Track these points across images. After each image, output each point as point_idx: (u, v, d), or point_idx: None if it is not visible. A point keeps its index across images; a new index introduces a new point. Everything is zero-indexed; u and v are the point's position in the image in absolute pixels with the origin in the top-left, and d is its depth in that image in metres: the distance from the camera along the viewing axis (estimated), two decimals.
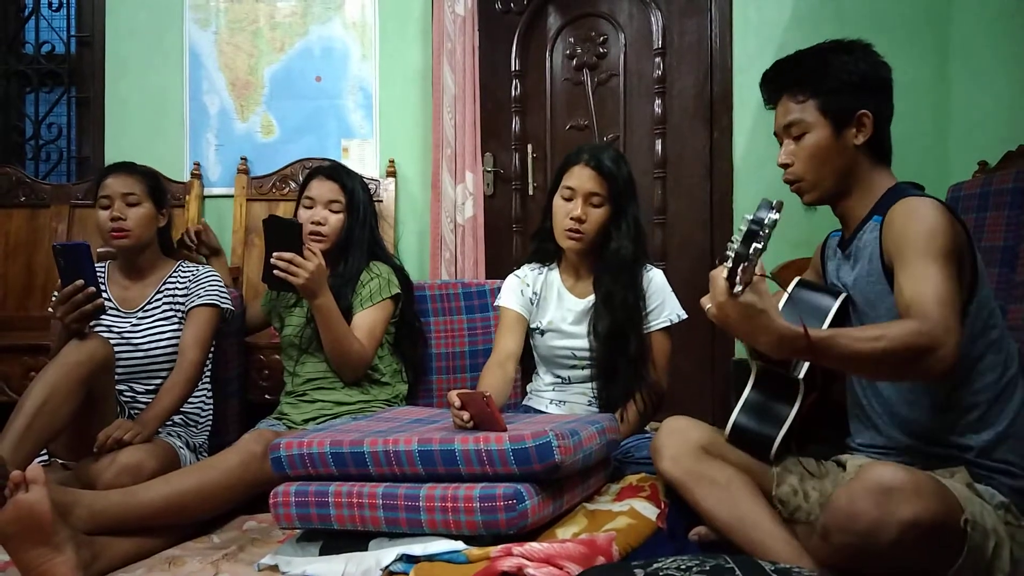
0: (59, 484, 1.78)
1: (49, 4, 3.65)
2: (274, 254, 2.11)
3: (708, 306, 1.38)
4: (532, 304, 2.21)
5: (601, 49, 3.50)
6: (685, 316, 2.18)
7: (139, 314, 2.26)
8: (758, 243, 1.24)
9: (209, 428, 2.33)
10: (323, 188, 2.33)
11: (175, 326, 2.25)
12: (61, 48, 3.63)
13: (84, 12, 3.59)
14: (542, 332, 2.20)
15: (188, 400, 2.22)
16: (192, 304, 2.25)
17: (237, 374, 2.62)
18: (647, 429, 2.19)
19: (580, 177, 2.09)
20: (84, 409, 1.92)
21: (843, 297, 1.58)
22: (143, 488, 1.83)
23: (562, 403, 2.19)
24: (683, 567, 1.26)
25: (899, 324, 1.36)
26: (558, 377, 2.21)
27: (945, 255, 1.40)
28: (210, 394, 2.37)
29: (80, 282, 1.94)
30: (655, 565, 1.29)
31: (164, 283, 2.30)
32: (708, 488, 1.57)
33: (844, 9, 3.30)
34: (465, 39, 3.27)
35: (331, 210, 2.32)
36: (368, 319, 2.28)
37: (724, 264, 1.30)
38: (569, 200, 2.10)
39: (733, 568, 1.26)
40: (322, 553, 1.66)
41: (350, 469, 1.68)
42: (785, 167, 1.63)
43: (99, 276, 2.06)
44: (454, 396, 1.72)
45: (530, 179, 3.50)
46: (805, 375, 1.56)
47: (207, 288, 2.27)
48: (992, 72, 3.02)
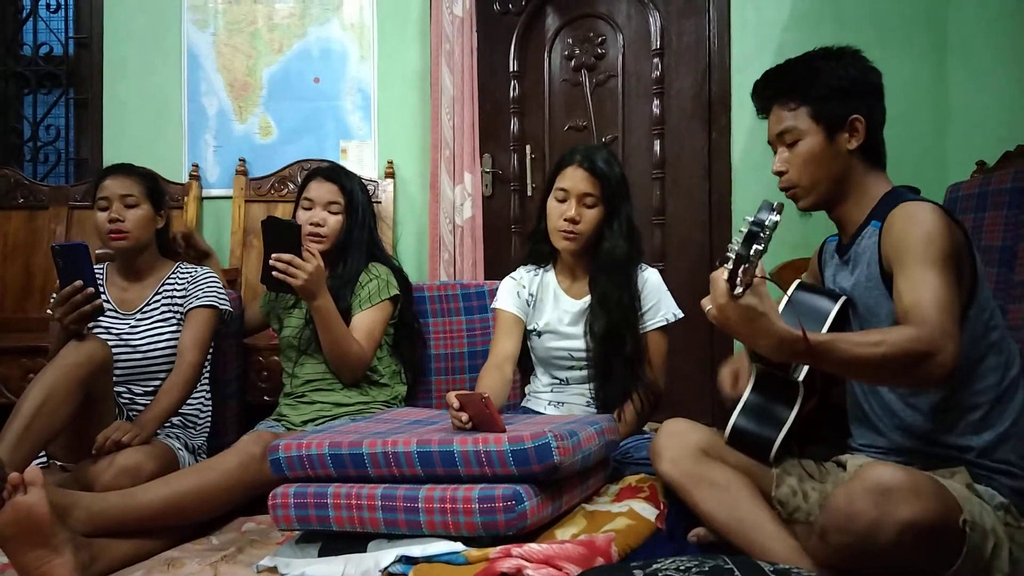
0: (57, 486, 1.78)
1: (47, 5, 3.65)
2: (272, 255, 2.10)
3: (708, 307, 1.38)
4: (528, 306, 2.21)
5: (599, 50, 3.50)
6: (681, 315, 2.17)
7: (137, 315, 2.26)
8: (759, 245, 1.24)
9: (208, 429, 2.33)
10: (322, 189, 2.33)
11: (174, 327, 2.25)
12: (59, 50, 3.63)
13: (82, 13, 3.58)
14: (539, 334, 2.20)
15: (187, 402, 2.21)
16: (190, 305, 2.25)
17: (236, 375, 2.62)
18: (646, 430, 2.19)
19: (573, 178, 2.09)
20: (82, 411, 1.92)
21: (843, 300, 1.58)
22: (142, 490, 1.83)
23: (560, 404, 2.19)
24: (682, 568, 1.26)
25: (899, 330, 1.37)
26: (556, 378, 2.21)
27: (943, 260, 1.40)
28: (209, 395, 2.37)
29: (79, 283, 1.94)
30: (654, 566, 1.29)
31: (162, 284, 2.30)
32: (707, 490, 1.56)
33: (842, 9, 3.30)
34: (463, 40, 3.27)
35: (330, 211, 2.32)
36: (367, 320, 2.27)
37: (724, 266, 1.30)
38: (563, 202, 2.11)
39: (732, 569, 1.26)
40: (321, 554, 1.66)
41: (349, 470, 1.68)
42: (780, 175, 1.63)
43: (97, 277, 2.05)
44: (453, 397, 1.72)
45: (529, 180, 3.50)
46: (805, 378, 1.56)
47: (206, 289, 2.27)
48: (990, 72, 3.02)
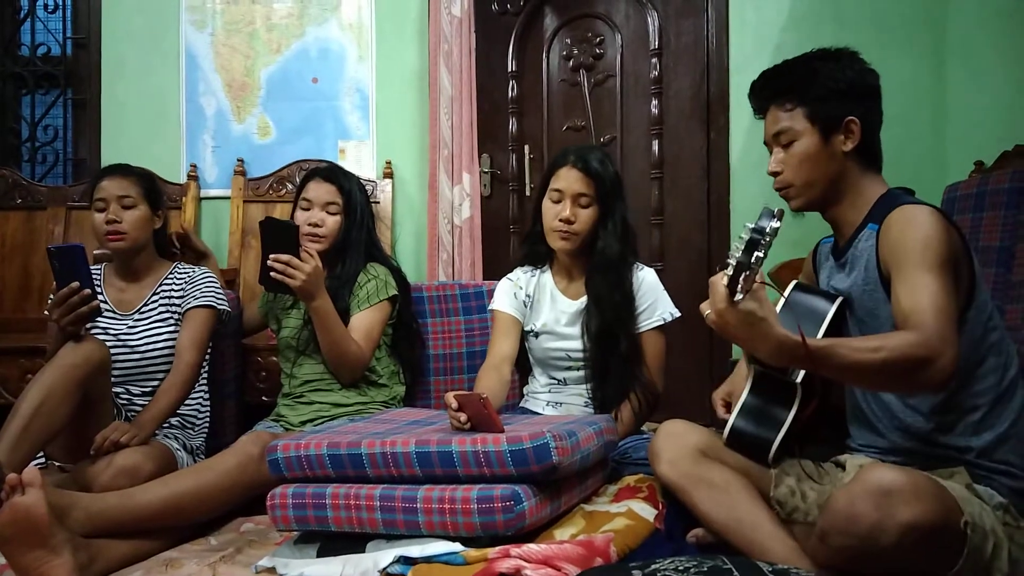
0: (56, 486, 1.78)
1: (45, 6, 3.65)
2: (271, 256, 2.10)
3: (707, 312, 1.38)
4: (526, 307, 2.21)
5: (598, 50, 3.50)
6: (678, 314, 2.17)
7: (135, 316, 2.25)
8: (760, 252, 1.24)
9: (206, 430, 2.33)
10: (320, 190, 2.33)
11: (171, 328, 2.25)
12: (57, 50, 3.63)
13: (80, 14, 3.58)
14: (536, 334, 2.20)
15: (185, 402, 2.21)
16: (188, 306, 2.24)
17: (234, 376, 2.62)
18: (644, 430, 2.19)
19: (567, 179, 2.10)
20: (81, 411, 1.92)
21: (840, 301, 1.58)
22: (140, 490, 1.83)
23: (558, 405, 2.19)
24: (681, 568, 1.26)
25: (897, 335, 1.36)
26: (554, 379, 2.21)
27: (941, 264, 1.40)
28: (207, 396, 2.36)
29: (75, 284, 1.93)
30: (653, 566, 1.29)
31: (160, 285, 2.29)
32: (706, 491, 1.56)
33: (841, 9, 3.30)
34: (462, 40, 3.27)
35: (328, 212, 2.32)
36: (365, 321, 2.27)
37: (724, 271, 1.30)
38: (558, 202, 2.11)
39: (731, 569, 1.26)
40: (320, 555, 1.66)
41: (347, 471, 1.68)
42: (775, 175, 1.63)
43: (95, 278, 2.04)
44: (451, 398, 1.72)
45: (527, 180, 3.50)
46: (803, 379, 1.56)
47: (203, 289, 2.26)
48: (989, 72, 3.02)
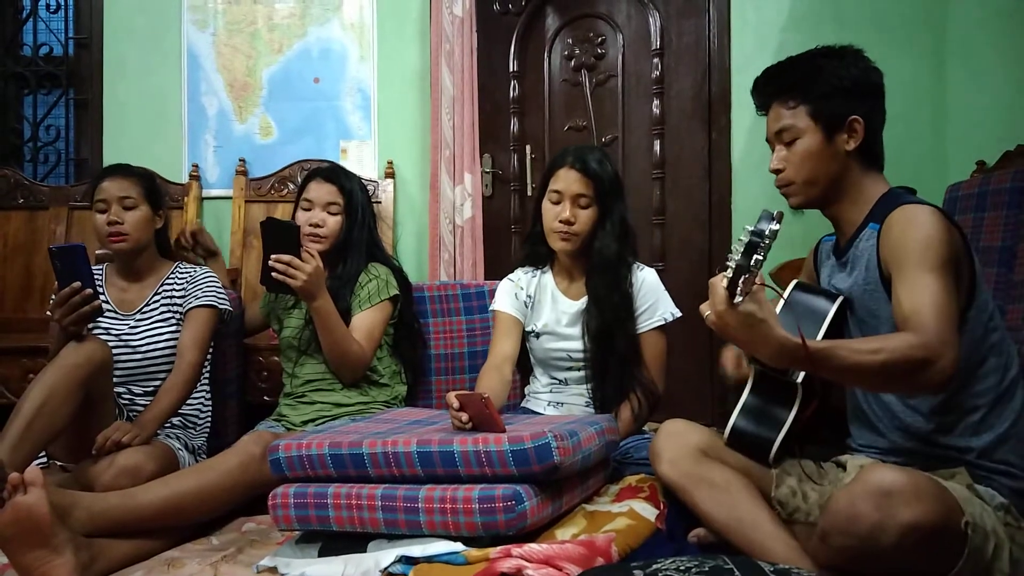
0: (58, 486, 1.78)
1: (47, 6, 3.65)
2: (272, 256, 2.10)
3: (707, 314, 1.38)
4: (527, 307, 2.21)
5: (599, 50, 3.50)
6: (679, 315, 2.17)
7: (137, 316, 2.26)
8: (759, 255, 1.24)
9: (208, 430, 2.33)
10: (321, 190, 2.33)
11: (173, 328, 2.25)
12: (59, 50, 3.63)
13: (82, 14, 3.58)
14: (537, 335, 2.20)
15: (187, 402, 2.21)
16: (190, 305, 2.24)
17: (236, 375, 2.62)
18: (646, 430, 2.19)
19: (566, 180, 2.10)
20: (82, 411, 1.92)
21: (840, 300, 1.57)
22: (142, 490, 1.83)
23: (559, 405, 2.19)
24: (682, 568, 1.26)
25: (898, 337, 1.36)
26: (554, 379, 2.21)
27: (942, 265, 1.40)
28: (209, 396, 2.36)
29: (77, 284, 1.94)
30: (654, 566, 1.29)
31: (162, 285, 2.30)
32: (707, 491, 1.56)
33: (842, 9, 3.30)
34: (463, 40, 3.27)
35: (329, 212, 2.32)
36: (367, 320, 2.27)
37: (724, 274, 1.30)
38: (557, 203, 2.11)
39: (732, 569, 1.25)
40: (321, 555, 1.66)
41: (349, 471, 1.68)
42: (777, 172, 1.63)
43: (96, 278, 2.05)
44: (453, 397, 1.72)
45: (528, 180, 3.49)
46: (803, 379, 1.56)
47: (205, 289, 2.27)
48: (990, 72, 3.02)
